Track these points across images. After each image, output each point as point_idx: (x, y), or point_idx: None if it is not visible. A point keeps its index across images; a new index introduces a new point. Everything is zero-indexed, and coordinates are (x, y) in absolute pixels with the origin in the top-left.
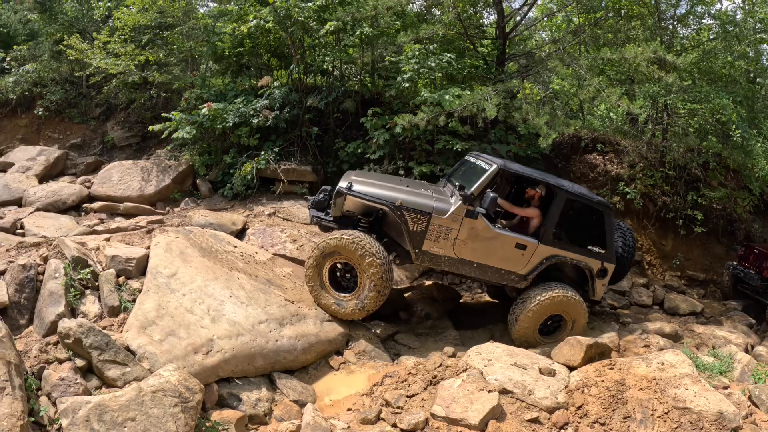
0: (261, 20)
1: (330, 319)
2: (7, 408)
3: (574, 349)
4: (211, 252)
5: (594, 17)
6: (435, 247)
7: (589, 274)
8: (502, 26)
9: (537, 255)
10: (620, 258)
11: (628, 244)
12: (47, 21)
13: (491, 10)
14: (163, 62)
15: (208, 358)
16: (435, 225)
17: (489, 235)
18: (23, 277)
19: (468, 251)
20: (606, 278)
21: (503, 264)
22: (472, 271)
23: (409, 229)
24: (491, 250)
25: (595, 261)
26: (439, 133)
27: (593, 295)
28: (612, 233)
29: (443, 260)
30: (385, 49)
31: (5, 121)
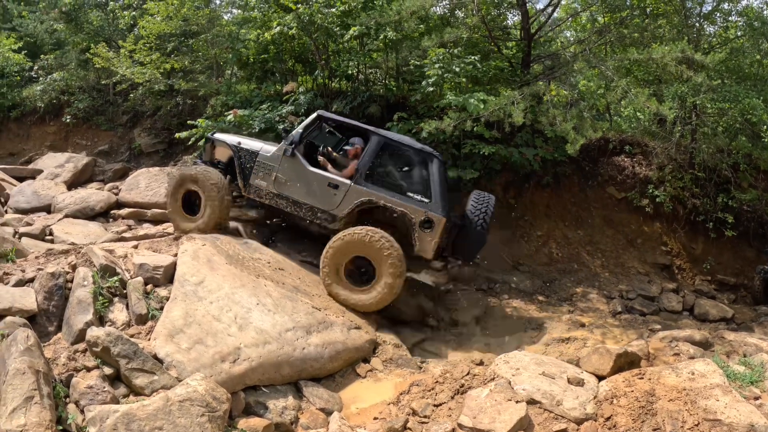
0: (285, 27)
1: (357, 327)
2: (35, 417)
3: (603, 358)
4: (238, 259)
5: (619, 16)
6: (259, 181)
7: (409, 224)
8: (527, 27)
9: (349, 196)
10: (472, 227)
11: (481, 211)
12: (73, 31)
13: (515, 11)
14: (188, 70)
15: (235, 366)
16: (260, 163)
17: (304, 174)
18: (52, 285)
19: (286, 187)
20: (433, 232)
21: (316, 202)
22: (288, 205)
23: (241, 165)
24: (306, 187)
25: (416, 210)
26: (465, 137)
27: (417, 248)
28: (439, 183)
29: (265, 193)
30: (409, 53)
31: (34, 129)
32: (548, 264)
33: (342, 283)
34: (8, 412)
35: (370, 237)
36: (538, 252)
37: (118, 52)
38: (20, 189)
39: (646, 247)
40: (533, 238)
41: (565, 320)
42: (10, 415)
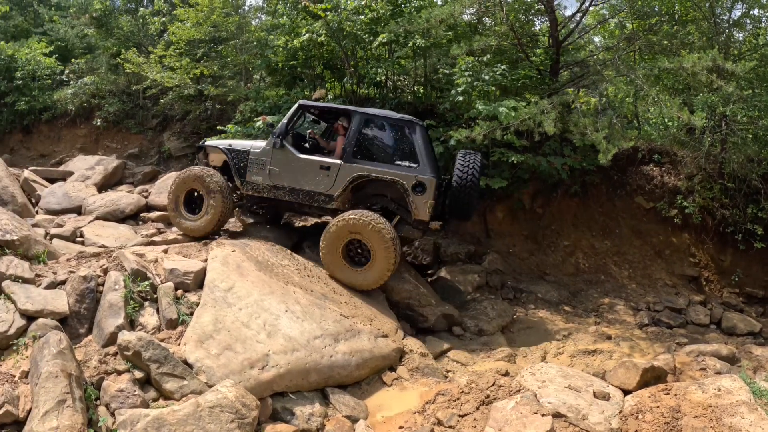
0: (314, 34)
1: (384, 335)
2: (67, 420)
3: (629, 372)
4: (267, 266)
5: (648, 23)
6: (255, 177)
7: (403, 190)
8: (555, 35)
9: (342, 174)
10: (462, 185)
11: (469, 168)
12: (104, 36)
13: (543, 18)
14: (217, 75)
15: (263, 372)
16: (253, 159)
17: (296, 161)
18: (84, 288)
19: (280, 178)
20: (426, 194)
21: (311, 186)
22: (286, 194)
23: (235, 165)
24: (299, 174)
25: (406, 175)
26: (494, 145)
27: (413, 212)
28: (424, 148)
29: (262, 187)
30: (438, 60)
31: (65, 131)
32: (575, 274)
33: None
34: (40, 415)
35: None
36: (565, 262)
37: (148, 57)
38: (51, 190)
39: (674, 259)
40: (560, 248)
41: (591, 332)
42: (42, 418)
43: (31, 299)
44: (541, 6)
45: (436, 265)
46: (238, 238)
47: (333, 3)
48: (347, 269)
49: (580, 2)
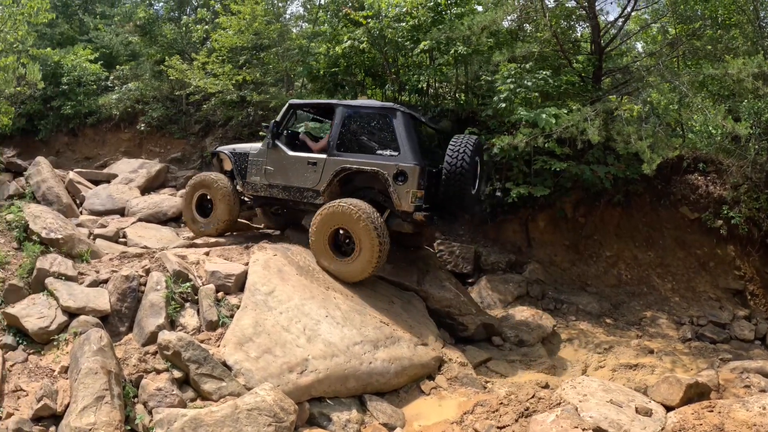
0: (355, 41)
1: (424, 343)
2: (105, 416)
3: (672, 387)
4: (308, 270)
5: (691, 27)
6: (253, 177)
7: (384, 180)
8: (598, 41)
9: (327, 168)
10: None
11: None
12: (148, 43)
13: (584, 24)
14: (259, 81)
15: (302, 377)
16: (251, 161)
17: (287, 159)
18: (126, 287)
19: (274, 176)
20: (408, 183)
21: (301, 182)
22: (280, 192)
23: (238, 166)
24: (290, 171)
25: (386, 165)
26: (537, 153)
27: (398, 203)
28: (405, 135)
29: (259, 186)
30: (479, 67)
31: (109, 135)
32: (617, 286)
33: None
34: (78, 410)
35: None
36: (607, 273)
37: (191, 64)
38: (95, 192)
39: (719, 271)
40: (602, 258)
41: (633, 345)
42: (80, 413)
43: (74, 296)
44: (582, 11)
45: (477, 273)
46: (279, 242)
47: (374, 10)
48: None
49: (622, 7)
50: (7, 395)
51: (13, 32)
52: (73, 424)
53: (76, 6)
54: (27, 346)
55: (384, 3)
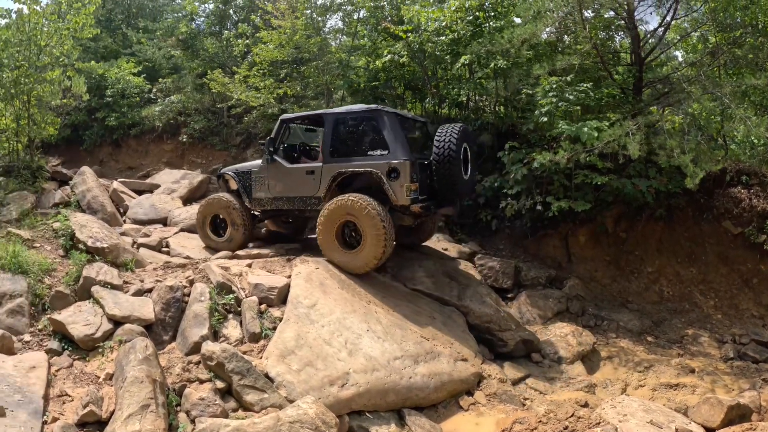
0: (395, 55)
1: (464, 359)
2: (150, 425)
3: (713, 409)
4: (349, 284)
5: (731, 36)
6: (258, 193)
7: (378, 179)
8: (638, 51)
9: (325, 175)
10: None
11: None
12: (189, 57)
13: (623, 34)
14: (300, 95)
15: (343, 390)
16: (255, 178)
17: (286, 172)
18: (170, 298)
19: (278, 189)
20: (401, 178)
21: (302, 191)
22: (284, 204)
23: (243, 185)
24: (292, 182)
25: (379, 164)
26: (578, 167)
27: (394, 198)
28: (392, 133)
29: (265, 201)
30: (519, 80)
31: (152, 146)
32: (658, 302)
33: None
34: (124, 417)
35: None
36: (648, 289)
37: (233, 77)
38: (139, 201)
39: (763, 288)
40: (643, 274)
41: (674, 364)
42: (125, 420)
43: (119, 305)
44: (621, 22)
45: (516, 288)
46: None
47: (414, 24)
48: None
49: (662, 16)
50: (52, 399)
51: (59, 47)
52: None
53: (119, 21)
54: (72, 352)
55: (423, 17)
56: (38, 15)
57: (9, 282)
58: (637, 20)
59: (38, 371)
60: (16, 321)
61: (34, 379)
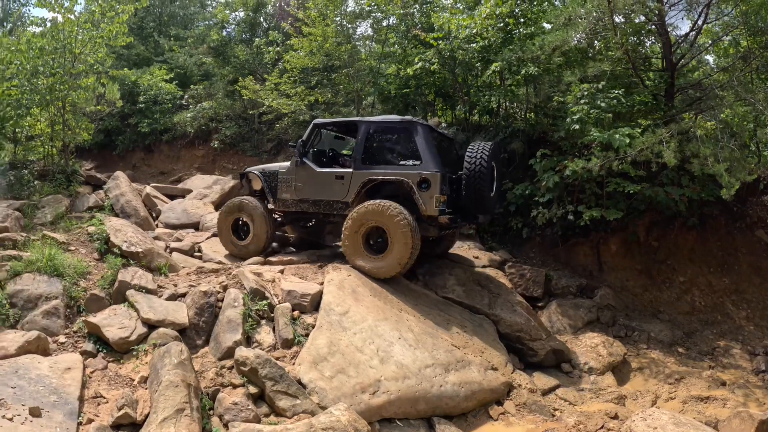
0: (426, 62)
1: (494, 368)
2: (185, 429)
3: (744, 423)
4: (381, 292)
5: (764, 39)
6: (284, 194)
7: (409, 188)
8: (669, 57)
9: (355, 181)
10: (468, 176)
11: (476, 158)
12: (221, 64)
13: (653, 39)
14: (331, 102)
15: (374, 398)
16: (281, 179)
17: (315, 175)
18: (204, 303)
19: (304, 192)
20: (431, 189)
21: (330, 196)
22: (310, 206)
23: (268, 185)
24: (319, 186)
25: (411, 174)
26: (610, 175)
27: (423, 209)
28: (425, 145)
29: (290, 202)
30: (550, 87)
31: (184, 152)
32: (690, 313)
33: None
34: (159, 420)
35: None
36: (680, 300)
37: (264, 84)
38: (171, 206)
39: None
40: (675, 284)
41: (705, 377)
42: (160, 424)
43: (153, 309)
44: (652, 27)
45: (547, 297)
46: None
47: (444, 32)
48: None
49: (693, 21)
50: (87, 401)
51: (93, 54)
52: None
53: (150, 29)
54: (107, 354)
55: (454, 24)
56: (72, 24)
57: (45, 284)
58: (667, 25)
59: (73, 372)
60: (52, 322)
61: (69, 380)
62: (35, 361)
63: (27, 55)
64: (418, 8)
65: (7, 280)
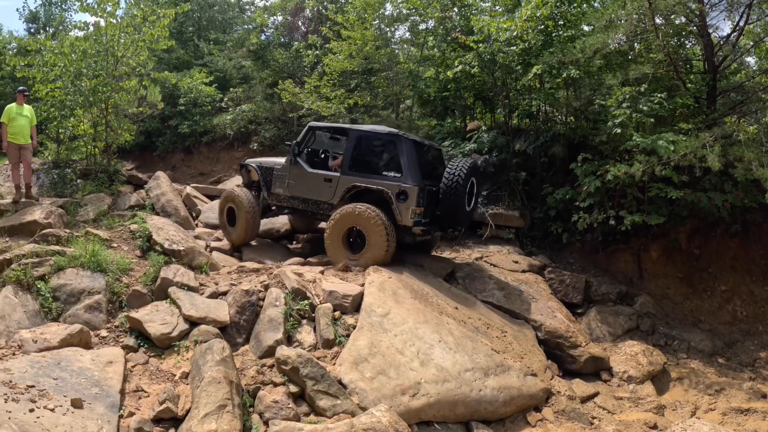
0: (466, 65)
1: (533, 374)
2: (226, 425)
3: None
4: (422, 294)
5: None
6: (277, 189)
7: (388, 198)
8: (711, 59)
9: (341, 185)
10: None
11: (453, 175)
12: (260, 67)
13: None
14: (370, 105)
15: (413, 400)
16: (276, 174)
17: (306, 175)
18: (245, 301)
19: (295, 189)
20: (408, 201)
21: (318, 196)
22: (300, 204)
23: (264, 179)
24: (309, 186)
25: (391, 185)
26: (652, 180)
27: (399, 219)
28: (407, 159)
29: (282, 197)
30: (592, 91)
31: (223, 153)
32: (731, 323)
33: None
34: (201, 416)
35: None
36: (721, 309)
37: (303, 87)
38: (211, 206)
39: None
40: (717, 293)
41: (745, 388)
42: (202, 419)
43: (195, 306)
44: (693, 28)
45: (586, 304)
46: (393, 264)
47: (484, 35)
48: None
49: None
50: (128, 394)
51: (135, 57)
52: (195, 429)
53: (190, 33)
54: (148, 349)
55: (494, 27)
56: (115, 27)
57: (88, 279)
58: (708, 26)
59: (115, 366)
60: (94, 317)
61: (111, 373)
62: (77, 354)
63: (70, 58)
64: (456, 11)
65: (51, 274)
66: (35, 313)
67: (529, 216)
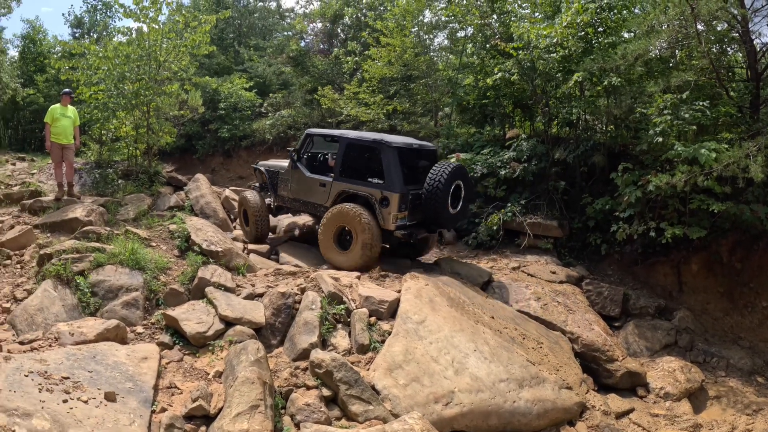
0: (506, 73)
1: (568, 387)
2: (258, 425)
3: None
4: (458, 302)
5: None
6: (283, 191)
7: (372, 203)
8: (754, 66)
9: (333, 190)
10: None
11: (434, 180)
12: (299, 73)
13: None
14: (409, 111)
15: (446, 409)
16: (281, 177)
17: (305, 179)
18: (281, 304)
19: (297, 192)
20: (390, 206)
21: (315, 198)
22: (301, 206)
23: (271, 181)
24: (308, 189)
25: (374, 190)
26: (693, 191)
27: (382, 223)
28: (390, 166)
29: (287, 199)
30: (633, 99)
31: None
32: None
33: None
34: (233, 415)
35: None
36: (762, 326)
37: (342, 93)
38: None
39: None
40: (758, 309)
41: None
42: (234, 418)
43: (231, 307)
44: (735, 34)
45: (624, 317)
46: (430, 271)
47: (524, 42)
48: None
49: None
50: (161, 390)
51: (177, 62)
52: (227, 428)
53: (230, 39)
54: (182, 347)
55: (533, 34)
56: (157, 33)
57: (126, 276)
58: (751, 32)
59: (150, 362)
60: (131, 313)
61: (145, 369)
62: (113, 348)
63: (114, 62)
64: (495, 18)
65: (90, 270)
66: (73, 307)
67: (567, 226)
